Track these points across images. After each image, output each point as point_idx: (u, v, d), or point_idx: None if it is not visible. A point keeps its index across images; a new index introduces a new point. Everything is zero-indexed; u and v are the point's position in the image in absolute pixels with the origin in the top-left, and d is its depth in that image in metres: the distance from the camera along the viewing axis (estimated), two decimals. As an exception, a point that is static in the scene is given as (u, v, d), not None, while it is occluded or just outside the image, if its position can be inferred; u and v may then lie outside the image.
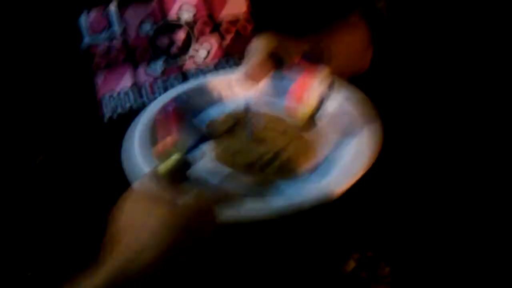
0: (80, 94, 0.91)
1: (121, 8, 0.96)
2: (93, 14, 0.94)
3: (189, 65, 0.99)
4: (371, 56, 1.05)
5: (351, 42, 0.98)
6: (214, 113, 0.87)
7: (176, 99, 0.87)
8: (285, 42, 0.86)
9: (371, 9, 1.06)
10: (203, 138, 0.81)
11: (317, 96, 0.83)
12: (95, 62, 0.94)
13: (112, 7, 0.95)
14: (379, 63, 1.06)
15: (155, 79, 0.97)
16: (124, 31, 0.96)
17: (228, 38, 1.01)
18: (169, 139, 0.81)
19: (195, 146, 0.77)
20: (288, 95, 0.86)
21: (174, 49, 0.98)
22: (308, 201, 0.69)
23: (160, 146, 0.79)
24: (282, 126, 0.83)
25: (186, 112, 0.85)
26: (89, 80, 0.93)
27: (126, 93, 0.96)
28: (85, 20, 0.94)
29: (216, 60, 1.00)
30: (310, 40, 0.88)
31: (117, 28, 0.95)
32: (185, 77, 0.98)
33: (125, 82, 0.96)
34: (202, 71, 0.99)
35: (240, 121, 0.83)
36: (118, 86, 0.95)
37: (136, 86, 0.96)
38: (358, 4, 1.06)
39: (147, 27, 0.97)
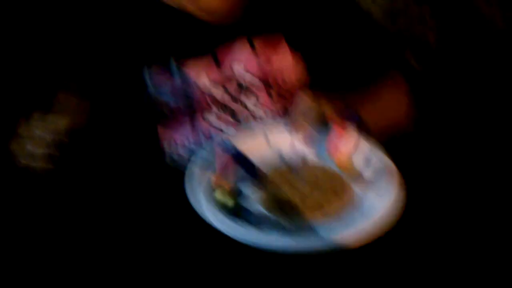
0: (144, 138, 1.07)
1: (181, 63, 1.10)
2: (155, 70, 1.11)
3: (240, 113, 1.12)
4: (412, 117, 1.16)
5: (384, 106, 1.07)
6: (261, 158, 0.96)
7: (229, 143, 0.97)
8: (324, 100, 0.96)
9: (406, 69, 1.15)
10: (251, 179, 0.92)
11: (350, 149, 0.92)
12: (159, 110, 1.11)
13: (174, 62, 1.10)
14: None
15: (211, 124, 1.11)
16: (183, 83, 1.11)
17: (276, 91, 1.12)
18: (220, 176, 0.93)
19: (243, 185, 0.91)
20: (326, 146, 0.93)
21: (226, 101, 1.11)
22: (331, 245, 0.79)
23: (214, 179, 0.92)
24: (320, 174, 0.92)
25: (237, 154, 0.95)
26: (153, 126, 1.11)
27: (186, 137, 1.12)
28: (149, 75, 1.11)
29: (264, 111, 1.12)
30: (345, 99, 0.97)
31: (177, 81, 1.10)
32: (237, 123, 1.12)
33: (184, 127, 1.11)
34: (252, 119, 1.12)
35: (284, 168, 0.93)
36: (178, 131, 1.11)
37: (194, 130, 1.12)
38: (393, 64, 1.17)
39: (204, 80, 1.11)
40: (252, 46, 1.12)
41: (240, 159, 0.95)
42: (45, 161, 0.98)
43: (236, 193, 0.90)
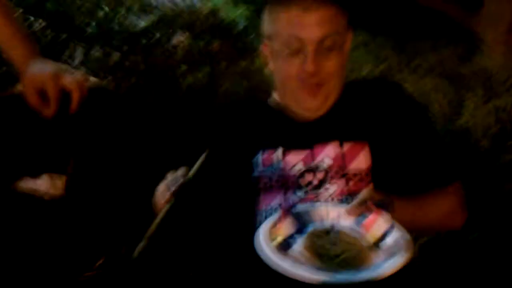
0: (247, 207, 1.40)
1: (285, 152, 1.47)
2: (266, 155, 1.49)
3: (321, 197, 1.42)
4: (462, 218, 1.51)
5: (429, 212, 1.43)
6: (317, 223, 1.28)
7: (297, 209, 1.30)
8: (374, 194, 1.30)
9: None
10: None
11: (380, 231, 1.23)
12: (262, 184, 1.46)
13: (279, 151, 1.48)
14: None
15: (296, 202, 1.41)
16: (283, 167, 1.46)
17: (351, 184, 1.43)
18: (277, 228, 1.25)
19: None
20: (363, 225, 1.26)
21: (314, 183, 1.44)
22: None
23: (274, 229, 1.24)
24: (353, 241, 1.22)
25: (301, 219, 1.26)
26: (255, 197, 1.44)
27: (276, 208, 1.43)
28: (260, 157, 1.49)
29: (339, 197, 1.42)
30: (385, 196, 1.30)
31: (279, 165, 1.46)
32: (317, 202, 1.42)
33: (276, 201, 1.43)
34: (331, 201, 1.42)
35: (329, 232, 1.24)
36: (271, 203, 1.44)
37: (285, 200, 1.43)
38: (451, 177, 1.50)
39: (299, 166, 1.46)
40: (341, 147, 1.46)
41: (297, 217, 1.27)
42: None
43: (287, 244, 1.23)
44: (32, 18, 2.88)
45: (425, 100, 3.01)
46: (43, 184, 1.46)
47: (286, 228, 1.24)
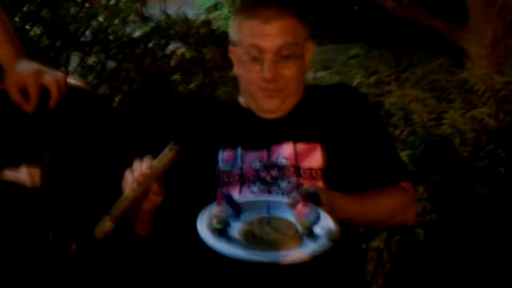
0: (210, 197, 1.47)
1: (244, 151, 1.60)
2: (227, 152, 1.60)
3: (274, 190, 1.55)
4: (412, 215, 1.62)
5: (376, 206, 1.55)
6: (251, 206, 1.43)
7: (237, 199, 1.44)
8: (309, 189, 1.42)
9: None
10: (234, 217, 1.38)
11: (308, 220, 1.35)
12: (222, 179, 1.58)
13: (239, 150, 1.60)
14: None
15: (252, 192, 1.55)
16: (242, 165, 1.58)
17: (303, 181, 1.55)
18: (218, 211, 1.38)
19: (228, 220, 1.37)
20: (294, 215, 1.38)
21: (268, 179, 1.57)
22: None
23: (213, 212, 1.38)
24: (288, 228, 1.34)
25: (230, 199, 1.40)
26: (216, 189, 1.56)
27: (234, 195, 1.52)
28: (221, 154, 1.60)
29: (292, 190, 1.53)
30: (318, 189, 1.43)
31: (239, 162, 1.59)
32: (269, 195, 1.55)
33: (234, 193, 1.54)
34: (281, 195, 1.53)
35: (261, 220, 1.36)
36: (232, 191, 1.55)
37: (240, 192, 1.56)
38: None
39: (256, 164, 1.59)
40: (295, 147, 1.58)
41: (231, 202, 1.40)
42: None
43: (225, 223, 1.37)
44: (27, 26, 2.99)
45: (406, 110, 3.12)
46: (21, 175, 1.56)
47: (222, 212, 1.37)
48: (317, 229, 1.35)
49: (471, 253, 2.33)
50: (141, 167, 1.39)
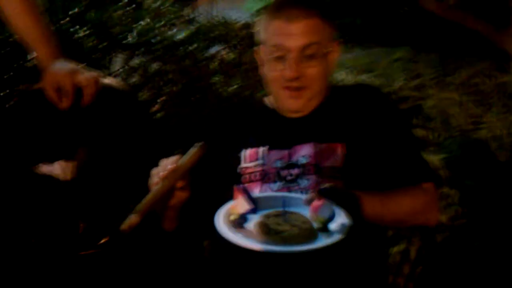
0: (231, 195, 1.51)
1: (267, 150, 1.64)
2: (250, 151, 1.66)
3: (294, 188, 1.58)
4: (434, 216, 1.64)
5: (396, 206, 1.56)
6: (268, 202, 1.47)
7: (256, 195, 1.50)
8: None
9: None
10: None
11: (324, 216, 1.38)
12: (244, 177, 1.63)
13: (262, 149, 1.64)
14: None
15: (272, 190, 1.59)
16: (265, 163, 1.63)
17: (323, 180, 1.57)
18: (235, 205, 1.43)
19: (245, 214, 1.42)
20: (310, 211, 1.40)
21: (288, 178, 1.60)
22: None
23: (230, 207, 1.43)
24: (304, 222, 1.38)
25: (258, 203, 1.45)
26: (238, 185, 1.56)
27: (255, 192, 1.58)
28: (245, 153, 1.66)
29: (312, 189, 1.54)
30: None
31: (261, 161, 1.63)
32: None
33: (255, 190, 1.59)
34: (301, 193, 1.56)
35: (279, 214, 1.40)
36: (253, 189, 1.58)
37: (261, 191, 1.60)
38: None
39: (278, 163, 1.62)
40: (317, 147, 1.60)
41: (248, 197, 1.44)
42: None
43: (241, 216, 1.42)
44: (74, 28, 3.10)
45: (445, 114, 3.10)
46: (55, 170, 1.65)
47: (239, 207, 1.42)
48: (333, 226, 1.38)
49: (500, 260, 2.31)
50: (166, 164, 1.44)
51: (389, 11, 6.22)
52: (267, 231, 1.36)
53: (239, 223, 1.40)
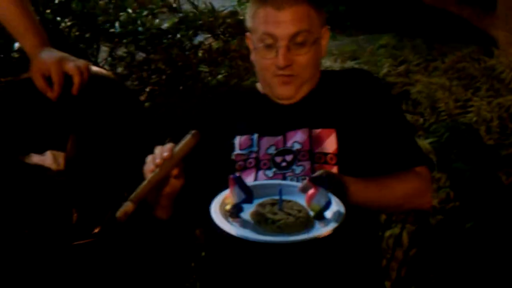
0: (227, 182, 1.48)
1: (260, 137, 1.63)
2: (243, 138, 1.64)
3: (289, 175, 1.57)
4: (429, 199, 1.64)
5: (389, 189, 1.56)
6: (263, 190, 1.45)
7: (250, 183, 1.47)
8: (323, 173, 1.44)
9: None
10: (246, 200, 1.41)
11: (319, 205, 1.37)
12: (238, 164, 1.61)
13: (255, 136, 1.63)
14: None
15: (267, 177, 1.58)
16: (258, 150, 1.61)
17: (316, 166, 1.57)
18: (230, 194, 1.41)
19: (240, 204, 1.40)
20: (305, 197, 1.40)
21: (283, 164, 1.59)
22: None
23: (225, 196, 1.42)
24: (298, 209, 1.38)
25: (241, 183, 1.41)
26: (231, 173, 1.54)
27: (250, 180, 1.57)
28: (238, 140, 1.64)
29: (305, 175, 1.54)
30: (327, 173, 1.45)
31: (255, 148, 1.62)
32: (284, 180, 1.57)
33: (250, 178, 1.59)
34: (295, 180, 1.56)
35: (274, 203, 1.39)
36: (246, 179, 1.56)
37: (256, 178, 1.59)
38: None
39: (272, 150, 1.61)
40: (310, 133, 1.60)
41: (242, 186, 1.41)
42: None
43: (237, 206, 1.41)
44: (58, 18, 3.07)
45: (433, 98, 3.11)
46: (46, 160, 1.63)
47: (234, 197, 1.40)
48: (328, 214, 1.38)
49: (491, 241, 2.33)
50: (161, 151, 1.43)
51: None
52: (263, 221, 1.36)
53: (234, 212, 1.39)
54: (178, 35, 3.50)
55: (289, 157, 1.60)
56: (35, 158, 1.64)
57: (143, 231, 1.70)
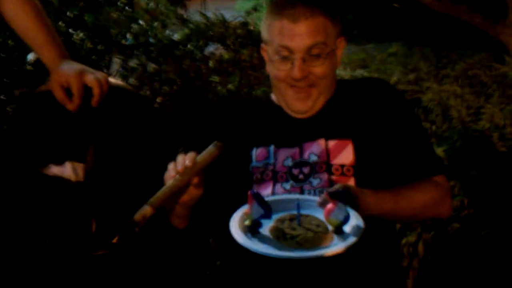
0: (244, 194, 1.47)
1: (276, 149, 1.63)
2: (260, 150, 1.64)
3: (306, 187, 1.58)
4: (447, 208, 1.62)
5: (408, 201, 1.56)
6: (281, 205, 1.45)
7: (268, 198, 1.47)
8: (341, 187, 1.44)
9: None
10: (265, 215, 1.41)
11: (338, 219, 1.37)
12: (255, 177, 1.62)
13: (271, 148, 1.63)
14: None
15: (284, 192, 1.58)
16: (274, 162, 1.62)
17: (334, 178, 1.57)
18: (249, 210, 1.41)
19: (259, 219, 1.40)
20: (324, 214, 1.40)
21: (300, 177, 1.59)
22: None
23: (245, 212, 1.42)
24: (317, 223, 1.39)
25: (259, 198, 1.41)
26: (250, 186, 1.60)
27: (267, 194, 1.58)
28: (255, 152, 1.65)
29: (323, 188, 1.55)
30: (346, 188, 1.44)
31: (271, 160, 1.62)
32: (302, 193, 1.58)
33: (267, 190, 1.59)
34: (313, 192, 1.57)
35: (292, 218, 1.40)
36: (263, 192, 1.58)
37: (273, 192, 1.59)
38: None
39: (288, 161, 1.61)
40: (327, 144, 1.60)
41: (261, 202, 1.40)
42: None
43: (256, 222, 1.41)
44: (71, 30, 3.10)
45: (444, 106, 3.11)
46: (66, 171, 1.64)
47: (253, 212, 1.40)
48: (347, 228, 1.38)
49: (508, 248, 2.32)
50: (184, 159, 1.43)
51: (381, 6, 6.23)
52: (282, 236, 1.36)
53: (253, 228, 1.40)
54: (189, 46, 3.54)
55: (306, 169, 1.59)
56: (55, 169, 1.65)
57: (159, 239, 1.71)
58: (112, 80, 1.76)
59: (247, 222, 1.40)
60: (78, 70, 1.68)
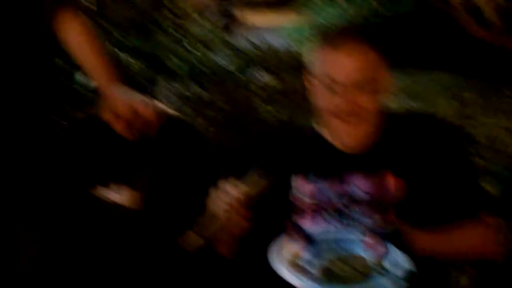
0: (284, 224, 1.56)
1: (318, 179, 1.62)
2: (300, 179, 1.63)
3: (347, 221, 1.57)
4: (499, 249, 1.60)
5: (459, 241, 1.56)
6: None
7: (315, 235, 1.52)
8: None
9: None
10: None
11: (384, 261, 1.39)
12: (296, 207, 1.61)
13: (313, 178, 1.62)
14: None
15: (328, 226, 1.58)
16: (320, 196, 1.61)
17: (379, 215, 1.56)
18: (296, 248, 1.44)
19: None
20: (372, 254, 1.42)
21: (342, 210, 1.58)
22: None
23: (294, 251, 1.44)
24: (365, 265, 1.41)
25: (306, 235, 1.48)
26: (289, 216, 1.61)
27: (312, 225, 1.60)
28: (296, 181, 1.63)
29: (371, 225, 1.55)
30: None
31: (317, 194, 1.60)
32: (344, 226, 1.59)
33: (308, 221, 1.60)
34: (359, 229, 1.54)
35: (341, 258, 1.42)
36: (308, 220, 1.61)
37: (316, 223, 1.60)
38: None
39: (334, 197, 1.60)
40: (370, 178, 1.58)
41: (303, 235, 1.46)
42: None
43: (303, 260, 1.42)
44: (131, 60, 3.19)
45: (494, 140, 3.08)
46: (124, 198, 1.71)
47: (301, 250, 1.43)
48: (398, 271, 1.38)
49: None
50: (231, 191, 1.46)
51: (432, 34, 6.17)
52: (331, 277, 1.38)
53: (303, 267, 1.41)
54: (243, 76, 3.60)
55: (353, 207, 1.59)
56: (113, 196, 1.71)
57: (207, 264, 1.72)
58: (164, 108, 1.80)
59: (297, 260, 1.41)
60: (129, 99, 1.70)
